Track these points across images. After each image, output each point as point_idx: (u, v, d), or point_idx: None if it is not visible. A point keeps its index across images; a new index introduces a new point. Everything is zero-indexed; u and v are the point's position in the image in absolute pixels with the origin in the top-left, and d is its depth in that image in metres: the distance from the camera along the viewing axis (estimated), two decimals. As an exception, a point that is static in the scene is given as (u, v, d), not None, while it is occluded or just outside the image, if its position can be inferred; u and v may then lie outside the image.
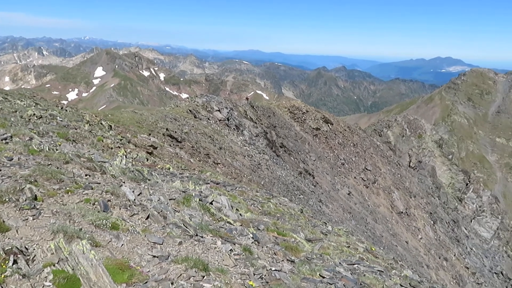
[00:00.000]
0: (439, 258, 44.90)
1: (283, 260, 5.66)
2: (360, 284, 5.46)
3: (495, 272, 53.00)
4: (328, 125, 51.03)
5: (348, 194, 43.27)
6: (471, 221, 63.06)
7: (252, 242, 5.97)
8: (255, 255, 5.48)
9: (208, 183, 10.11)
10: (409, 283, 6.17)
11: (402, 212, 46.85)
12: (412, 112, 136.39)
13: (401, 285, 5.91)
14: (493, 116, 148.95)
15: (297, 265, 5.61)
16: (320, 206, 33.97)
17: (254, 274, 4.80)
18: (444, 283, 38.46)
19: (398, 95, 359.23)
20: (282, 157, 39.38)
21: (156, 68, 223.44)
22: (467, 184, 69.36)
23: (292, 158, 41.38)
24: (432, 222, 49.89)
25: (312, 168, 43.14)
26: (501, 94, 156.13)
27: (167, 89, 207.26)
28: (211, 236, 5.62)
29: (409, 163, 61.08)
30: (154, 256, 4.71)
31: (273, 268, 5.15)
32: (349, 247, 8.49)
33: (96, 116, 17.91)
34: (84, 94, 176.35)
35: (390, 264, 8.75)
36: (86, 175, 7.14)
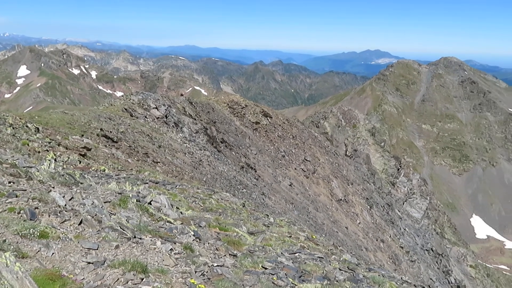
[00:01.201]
0: (377, 240, 47.42)
1: (225, 255, 5.65)
2: (301, 271, 5.61)
3: (426, 249, 57.06)
4: (268, 119, 51.72)
5: (290, 185, 44.24)
6: (403, 204, 67.30)
7: (193, 240, 5.89)
8: (197, 252, 5.42)
9: (147, 183, 9.82)
10: (347, 266, 6.45)
11: (341, 200, 48.80)
12: (346, 103, 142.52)
13: (340, 269, 6.15)
14: (418, 105, 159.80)
15: (239, 258, 5.63)
16: (263, 199, 34.39)
17: (195, 272, 4.74)
18: (382, 264, 40.70)
19: (332, 87, 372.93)
20: (224, 152, 39.30)
21: (87, 66, 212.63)
22: (398, 169, 73.80)
23: (233, 153, 41.44)
24: (368, 207, 52.52)
25: (254, 162, 43.53)
26: (425, 83, 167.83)
27: (100, 87, 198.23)
28: (150, 237, 5.46)
29: (346, 152, 63.74)
30: (89, 263, 4.47)
31: (215, 264, 5.13)
32: (290, 237, 8.68)
33: (20, 118, 16.65)
34: (7, 95, 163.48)
35: (330, 250, 9.07)
36: (9, 182, 6.61)
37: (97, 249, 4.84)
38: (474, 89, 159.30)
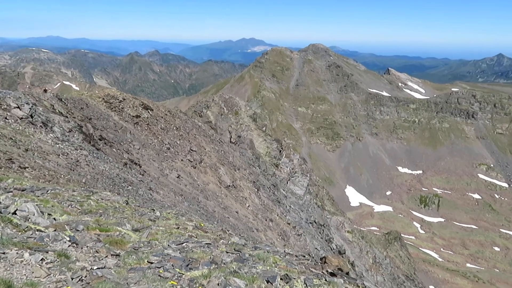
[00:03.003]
0: (266, 220, 49.75)
1: (106, 256, 5.36)
2: (189, 260, 5.62)
3: (310, 222, 61.80)
4: (148, 111, 49.95)
5: (178, 177, 43.61)
6: (287, 183, 71.62)
7: (69, 246, 5.44)
8: (73, 258, 5.03)
9: (10, 191, 8.72)
10: (234, 248, 6.67)
11: (229, 186, 49.86)
12: (227, 91, 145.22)
13: (227, 252, 6.34)
14: (293, 89, 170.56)
15: (122, 257, 5.40)
16: (150, 194, 33.34)
17: (72, 279, 4.41)
18: (272, 241, 42.96)
19: (212, 76, 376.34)
20: (103, 150, 36.88)
21: None
22: (280, 151, 78.06)
23: (114, 150, 39.14)
24: (256, 189, 54.68)
25: (138, 157, 41.77)
26: (297, 69, 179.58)
27: None
28: (16, 250, 4.88)
29: (230, 139, 65.08)
30: None
31: (95, 267, 4.83)
32: (178, 228, 8.61)
33: None
34: None
35: (219, 235, 9.25)
36: None
37: None
38: (339, 73, 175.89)
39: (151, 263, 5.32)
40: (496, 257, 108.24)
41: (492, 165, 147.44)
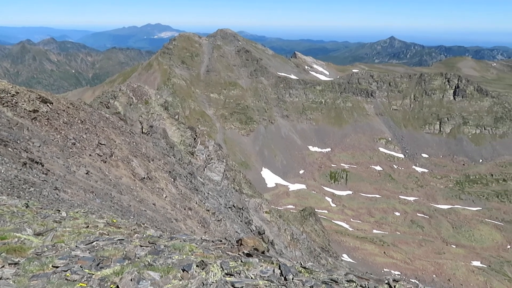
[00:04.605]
0: (185, 209, 49.18)
1: (3, 266, 4.88)
2: (99, 258, 5.36)
3: (229, 207, 62.51)
4: (48, 105, 45.92)
5: (87, 173, 41.02)
6: (204, 170, 71.32)
7: (-45, 261, 4.86)
8: (-39, 273, 4.51)
9: None
10: (148, 241, 6.51)
11: (144, 178, 48.18)
12: (135, 80, 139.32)
13: (141, 245, 6.16)
14: (204, 75, 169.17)
15: (22, 265, 4.97)
16: (57, 194, 31.02)
17: (-40, 298, 3.97)
18: (192, 229, 42.76)
19: (118, 64, 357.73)
20: (-4, 150, 33.37)
21: None
22: (195, 139, 77.24)
23: (10, 149, 35.52)
24: (172, 179, 53.61)
25: (39, 156, 38.43)
26: (207, 55, 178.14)
27: None
28: None
29: (142, 129, 62.63)
30: None
31: (-11, 280, 4.40)
32: (88, 227, 8.14)
33: None
34: None
35: (134, 229, 8.95)
36: None
37: None
38: (248, 57, 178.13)
39: (57, 267, 4.98)
40: (397, 221, 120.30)
41: (390, 139, 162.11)
